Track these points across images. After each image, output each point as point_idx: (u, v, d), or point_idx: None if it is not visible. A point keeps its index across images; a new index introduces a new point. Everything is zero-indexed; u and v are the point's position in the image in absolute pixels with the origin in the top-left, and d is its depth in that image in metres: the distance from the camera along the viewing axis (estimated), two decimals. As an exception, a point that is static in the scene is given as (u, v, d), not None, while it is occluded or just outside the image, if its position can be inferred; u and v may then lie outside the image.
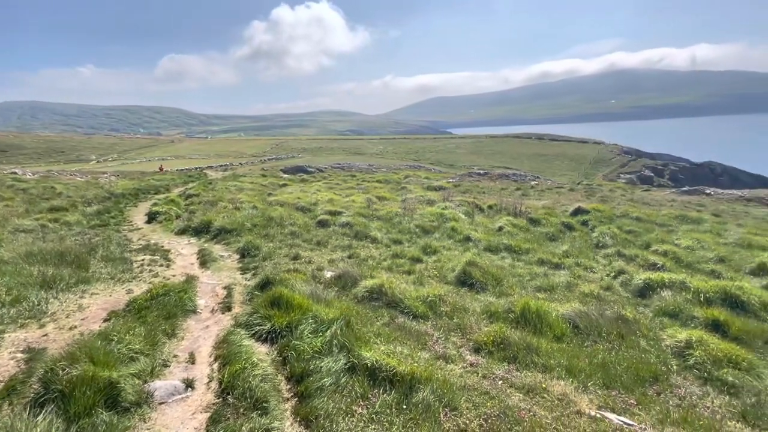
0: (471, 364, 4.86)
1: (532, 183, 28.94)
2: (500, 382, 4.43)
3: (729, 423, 3.96)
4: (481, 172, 35.32)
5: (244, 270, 8.34)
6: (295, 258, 8.96)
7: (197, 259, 9.14)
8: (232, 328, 5.36)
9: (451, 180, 29.07)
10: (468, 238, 11.36)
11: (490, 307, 6.51)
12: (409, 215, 13.78)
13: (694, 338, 5.37)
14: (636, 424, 3.83)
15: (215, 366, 4.53)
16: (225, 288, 7.19)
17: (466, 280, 7.86)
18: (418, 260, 9.34)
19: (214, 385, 4.20)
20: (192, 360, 4.69)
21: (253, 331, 5.21)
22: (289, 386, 4.20)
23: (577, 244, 11.57)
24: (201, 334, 5.41)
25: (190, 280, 7.36)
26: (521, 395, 4.18)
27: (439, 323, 5.97)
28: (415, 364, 4.31)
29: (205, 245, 10.31)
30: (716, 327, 5.98)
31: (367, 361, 4.23)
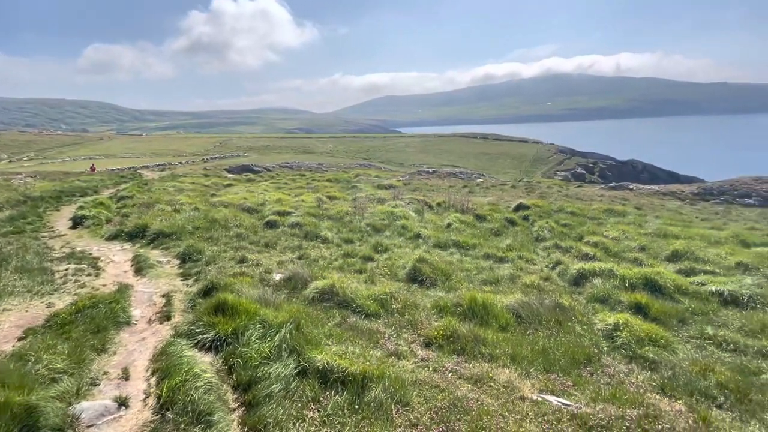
0: (422, 359, 4.95)
1: (478, 181, 30.16)
2: (450, 375, 4.56)
3: (650, 395, 4.38)
4: (430, 170, 36.17)
5: (185, 276, 7.86)
6: (242, 261, 8.61)
7: (131, 266, 8.47)
8: (172, 339, 5.02)
9: (401, 178, 29.47)
10: (418, 236, 11.57)
11: (439, 302, 6.67)
12: (360, 214, 13.76)
13: (620, 321, 5.88)
14: (573, 403, 4.12)
15: (153, 380, 4.21)
16: (164, 296, 6.72)
17: (416, 277, 8.00)
18: (370, 259, 9.35)
19: (151, 401, 3.90)
20: (126, 376, 4.33)
21: (196, 341, 4.92)
22: (235, 395, 4.02)
23: (519, 238, 12.22)
24: (136, 347, 5.01)
25: (124, 289, 6.80)
26: (470, 385, 4.33)
27: (390, 320, 6.02)
28: (367, 363, 4.31)
29: (141, 251, 9.57)
30: (639, 309, 6.60)
31: (318, 364, 4.16)
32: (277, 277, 7.58)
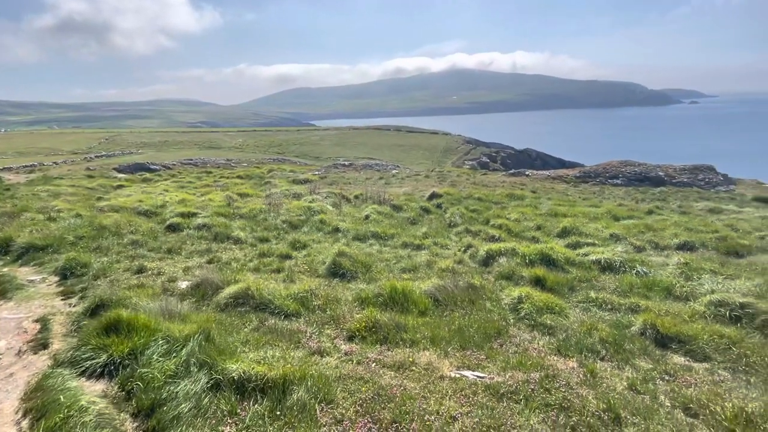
0: (346, 353, 4.92)
1: (393, 172, 30.92)
2: (374, 365, 4.60)
3: (550, 357, 4.92)
4: (346, 163, 36.10)
5: (66, 294, 6.75)
6: (140, 271, 7.68)
7: (-9, 289, 7.01)
8: (51, 370, 4.27)
9: (317, 172, 28.92)
10: (337, 229, 11.47)
11: (361, 294, 6.69)
12: (275, 211, 13.19)
13: (523, 294, 6.50)
14: (486, 375, 4.44)
15: (25, 423, 3.53)
16: (38, 321, 5.69)
17: (337, 271, 7.92)
18: (288, 257, 9.02)
19: (24, 448, 3.27)
20: (-13, 423, 3.57)
21: (83, 368, 4.25)
22: (136, 424, 3.56)
23: (434, 225, 12.82)
24: (2, 387, 4.16)
25: (-20, 318, 5.60)
26: (393, 373, 4.41)
27: (312, 318, 5.87)
28: (288, 366, 4.15)
29: (5, 270, 7.98)
30: (538, 282, 7.36)
31: (234, 374, 3.88)
32: (183, 285, 6.91)
